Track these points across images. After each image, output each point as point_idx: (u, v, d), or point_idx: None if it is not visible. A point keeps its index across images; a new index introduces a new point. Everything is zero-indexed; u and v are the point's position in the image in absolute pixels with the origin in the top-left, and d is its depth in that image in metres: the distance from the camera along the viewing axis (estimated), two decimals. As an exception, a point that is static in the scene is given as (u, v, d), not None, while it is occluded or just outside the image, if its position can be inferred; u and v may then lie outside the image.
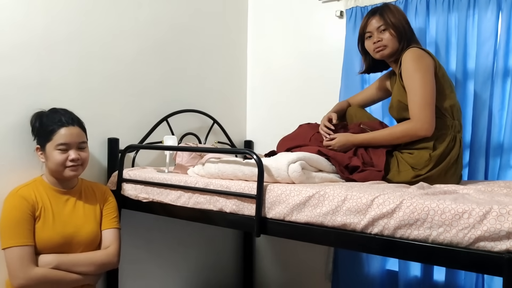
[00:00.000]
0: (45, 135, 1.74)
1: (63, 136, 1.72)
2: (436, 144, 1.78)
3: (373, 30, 1.93)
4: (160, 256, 2.50)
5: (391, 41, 1.90)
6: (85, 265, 1.74)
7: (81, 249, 1.78)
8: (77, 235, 1.77)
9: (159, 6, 2.46)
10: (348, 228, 1.39)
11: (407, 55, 1.82)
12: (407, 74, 1.81)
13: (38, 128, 1.78)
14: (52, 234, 1.71)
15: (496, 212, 1.14)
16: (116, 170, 2.08)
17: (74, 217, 1.79)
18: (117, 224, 1.91)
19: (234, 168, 1.74)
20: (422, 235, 1.25)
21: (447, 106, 1.82)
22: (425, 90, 1.76)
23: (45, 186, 1.78)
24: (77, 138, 1.77)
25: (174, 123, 2.46)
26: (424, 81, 1.77)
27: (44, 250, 1.69)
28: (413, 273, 2.30)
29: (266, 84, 2.98)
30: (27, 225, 1.66)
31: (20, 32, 1.87)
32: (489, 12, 2.05)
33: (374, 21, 1.93)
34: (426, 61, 1.80)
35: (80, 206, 1.83)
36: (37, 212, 1.70)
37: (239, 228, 1.96)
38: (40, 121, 1.78)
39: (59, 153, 1.72)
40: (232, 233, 2.99)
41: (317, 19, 2.72)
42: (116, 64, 2.24)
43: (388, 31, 1.90)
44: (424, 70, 1.78)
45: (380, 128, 2.00)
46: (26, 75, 1.88)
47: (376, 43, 1.92)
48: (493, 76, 2.06)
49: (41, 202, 1.73)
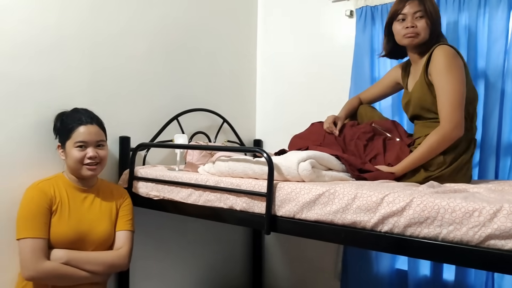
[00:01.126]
0: (65, 133, 1.79)
1: (81, 134, 1.76)
2: (452, 146, 1.75)
3: (408, 13, 1.83)
4: (170, 254, 2.52)
5: (425, 30, 1.82)
6: (95, 264, 1.76)
7: (93, 247, 1.80)
8: (90, 233, 1.79)
9: (170, 5, 2.48)
10: (358, 226, 1.39)
11: (440, 51, 1.76)
12: (439, 71, 1.74)
13: (60, 127, 1.84)
14: (67, 229, 1.73)
15: (507, 210, 1.14)
16: (128, 168, 2.11)
17: (90, 215, 1.82)
18: (131, 226, 1.93)
19: (244, 166, 1.75)
20: (432, 233, 1.25)
21: (470, 109, 1.80)
22: (458, 92, 1.71)
23: (65, 182, 1.82)
24: (95, 136, 1.80)
25: (184, 122, 2.48)
26: (458, 81, 1.72)
27: (57, 244, 1.71)
28: (423, 272, 2.30)
29: (275, 83, 2.99)
30: (43, 218, 1.69)
31: (33, 31, 1.90)
32: (500, 11, 2.05)
33: (412, 5, 1.83)
34: (459, 62, 1.76)
35: (97, 204, 1.86)
36: (54, 206, 1.73)
37: (249, 225, 1.98)
38: (61, 120, 1.84)
39: (77, 150, 1.76)
40: (242, 231, 3.01)
41: (327, 18, 2.72)
42: (128, 62, 2.27)
43: (424, 19, 1.81)
44: (457, 71, 1.73)
45: (393, 127, 1.99)
46: (36, 71, 1.91)
47: (409, 28, 1.83)
48: (504, 75, 2.05)
49: (59, 197, 1.76)
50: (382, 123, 2.03)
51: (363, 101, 2.22)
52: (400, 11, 1.86)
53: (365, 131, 1.96)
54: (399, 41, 1.90)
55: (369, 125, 2.00)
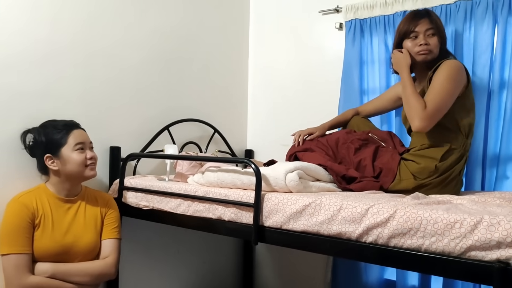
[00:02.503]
0: (57, 141, 1.76)
1: (78, 136, 1.79)
2: (445, 157, 1.79)
3: (420, 31, 1.89)
4: (160, 264, 2.53)
5: (436, 47, 1.88)
6: (81, 275, 1.74)
7: (79, 258, 1.79)
8: (75, 244, 1.78)
9: (163, 17, 2.51)
10: (343, 237, 1.41)
11: (448, 63, 1.81)
12: (440, 76, 1.78)
13: (46, 140, 1.78)
14: (50, 243, 1.71)
15: (487, 222, 1.17)
16: (118, 178, 2.12)
17: (74, 226, 1.80)
18: (118, 234, 1.92)
19: (233, 177, 1.77)
20: (415, 244, 1.27)
21: (466, 124, 1.83)
22: (446, 99, 1.76)
23: (48, 194, 1.80)
24: (88, 138, 1.85)
25: (175, 132, 2.50)
26: (452, 91, 1.77)
27: (41, 258, 1.70)
28: (411, 282, 2.31)
29: (266, 94, 3.02)
30: (25, 233, 1.67)
31: (25, 41, 1.91)
32: (485, 25, 2.09)
33: (424, 23, 1.89)
34: (461, 77, 1.80)
35: (81, 215, 1.84)
36: (36, 220, 1.71)
37: (237, 236, 1.99)
38: (44, 132, 1.80)
39: (78, 153, 1.77)
40: (232, 241, 3.01)
41: (317, 30, 2.76)
42: (119, 73, 2.29)
43: (436, 36, 1.88)
44: (455, 83, 1.78)
45: (389, 137, 2.01)
46: (29, 82, 1.92)
47: (423, 45, 1.88)
48: (490, 88, 2.09)
49: (41, 209, 1.74)
50: (379, 133, 2.06)
51: (361, 114, 2.24)
52: (412, 29, 1.91)
53: (360, 138, 1.98)
54: (414, 57, 1.93)
55: (366, 134, 2.03)
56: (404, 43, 1.95)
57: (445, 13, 2.20)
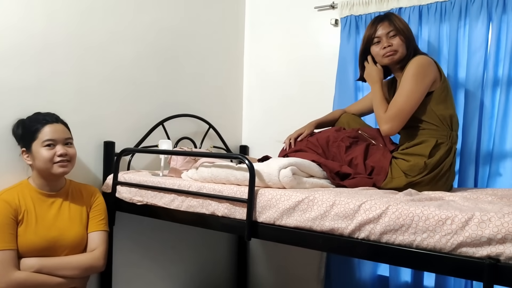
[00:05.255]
0: (29, 135, 1.75)
1: (48, 132, 1.74)
2: (433, 152, 1.81)
3: (382, 35, 1.94)
4: (153, 259, 2.53)
5: (401, 46, 1.92)
6: (68, 269, 1.73)
7: (65, 252, 1.77)
8: (61, 238, 1.76)
9: (157, 11, 2.50)
10: (336, 233, 1.42)
11: (413, 61, 1.86)
12: (405, 76, 1.85)
13: (22, 132, 1.78)
14: (35, 238, 1.70)
15: (478, 218, 1.18)
16: (112, 173, 2.11)
17: (59, 220, 1.79)
18: (104, 226, 1.91)
19: (226, 172, 1.77)
20: (407, 240, 1.28)
21: (447, 116, 1.86)
22: (410, 98, 1.81)
23: (30, 189, 1.78)
24: (62, 134, 1.78)
25: (170, 127, 2.49)
26: (415, 89, 1.81)
27: (27, 254, 1.68)
28: (404, 278, 2.33)
29: (262, 90, 3.02)
30: (9, 229, 1.66)
31: (18, 35, 1.90)
32: (480, 23, 2.09)
33: (383, 27, 1.94)
34: (429, 70, 1.83)
35: (66, 208, 1.83)
36: (19, 216, 1.70)
37: (230, 231, 2.00)
38: (22, 125, 1.80)
39: (46, 149, 1.72)
40: (226, 237, 3.02)
41: (312, 26, 2.76)
42: (114, 67, 2.28)
43: (398, 36, 1.92)
44: (421, 79, 1.81)
45: (378, 135, 2.02)
46: (23, 77, 1.91)
47: (386, 48, 1.93)
48: (483, 85, 2.10)
49: (24, 206, 1.72)
50: (368, 130, 2.07)
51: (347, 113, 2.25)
52: (373, 35, 1.97)
53: (350, 135, 1.99)
54: (380, 62, 1.99)
55: (355, 131, 2.04)
56: (371, 50, 2.01)
57: (440, 10, 2.21)
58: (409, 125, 1.88)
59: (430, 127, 1.86)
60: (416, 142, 1.86)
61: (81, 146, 1.90)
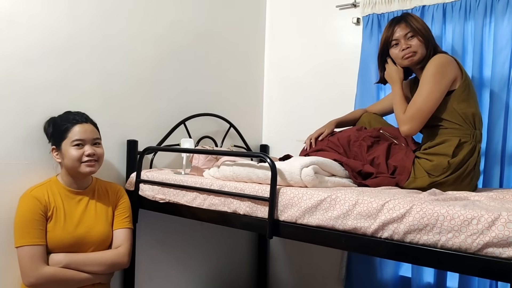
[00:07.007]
0: (59, 134, 1.80)
1: (77, 132, 1.78)
2: (456, 152, 1.78)
3: (400, 37, 1.93)
4: (175, 257, 2.55)
5: (420, 47, 1.90)
6: (94, 265, 1.78)
7: (91, 249, 1.82)
8: (88, 235, 1.81)
9: (179, 11, 2.53)
10: (359, 232, 1.41)
11: (432, 60, 1.84)
12: (424, 76, 1.83)
13: (53, 131, 1.84)
14: (63, 234, 1.75)
15: (505, 218, 1.16)
16: (135, 171, 2.14)
17: (86, 217, 1.83)
18: (129, 224, 1.95)
19: (248, 171, 1.78)
20: (431, 240, 1.26)
21: (470, 115, 1.83)
22: (429, 98, 1.80)
23: (59, 186, 1.83)
24: (91, 134, 1.82)
25: (191, 126, 2.51)
26: (434, 89, 1.79)
27: (55, 249, 1.73)
28: (426, 279, 2.30)
29: (282, 89, 3.02)
30: (38, 225, 1.71)
31: (46, 37, 1.94)
32: (506, 21, 2.06)
33: (400, 28, 1.93)
34: (449, 69, 1.81)
35: (92, 206, 1.87)
36: (49, 212, 1.75)
37: (252, 229, 2.00)
38: (53, 123, 1.85)
39: (75, 149, 1.77)
40: (247, 235, 3.03)
41: (334, 25, 2.75)
42: (137, 68, 2.31)
43: (416, 37, 1.90)
44: (440, 78, 1.79)
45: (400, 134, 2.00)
46: (50, 77, 1.95)
47: (405, 49, 1.92)
48: (509, 84, 2.06)
49: (53, 202, 1.77)
50: (390, 129, 2.05)
51: (368, 113, 2.23)
52: (391, 38, 1.96)
53: (372, 135, 1.98)
54: (401, 64, 1.98)
55: (377, 130, 2.02)
56: (390, 52, 2.00)
57: (464, 8, 2.18)
58: (430, 125, 1.86)
59: (452, 126, 1.83)
60: (438, 142, 1.84)
61: (105, 144, 1.93)
